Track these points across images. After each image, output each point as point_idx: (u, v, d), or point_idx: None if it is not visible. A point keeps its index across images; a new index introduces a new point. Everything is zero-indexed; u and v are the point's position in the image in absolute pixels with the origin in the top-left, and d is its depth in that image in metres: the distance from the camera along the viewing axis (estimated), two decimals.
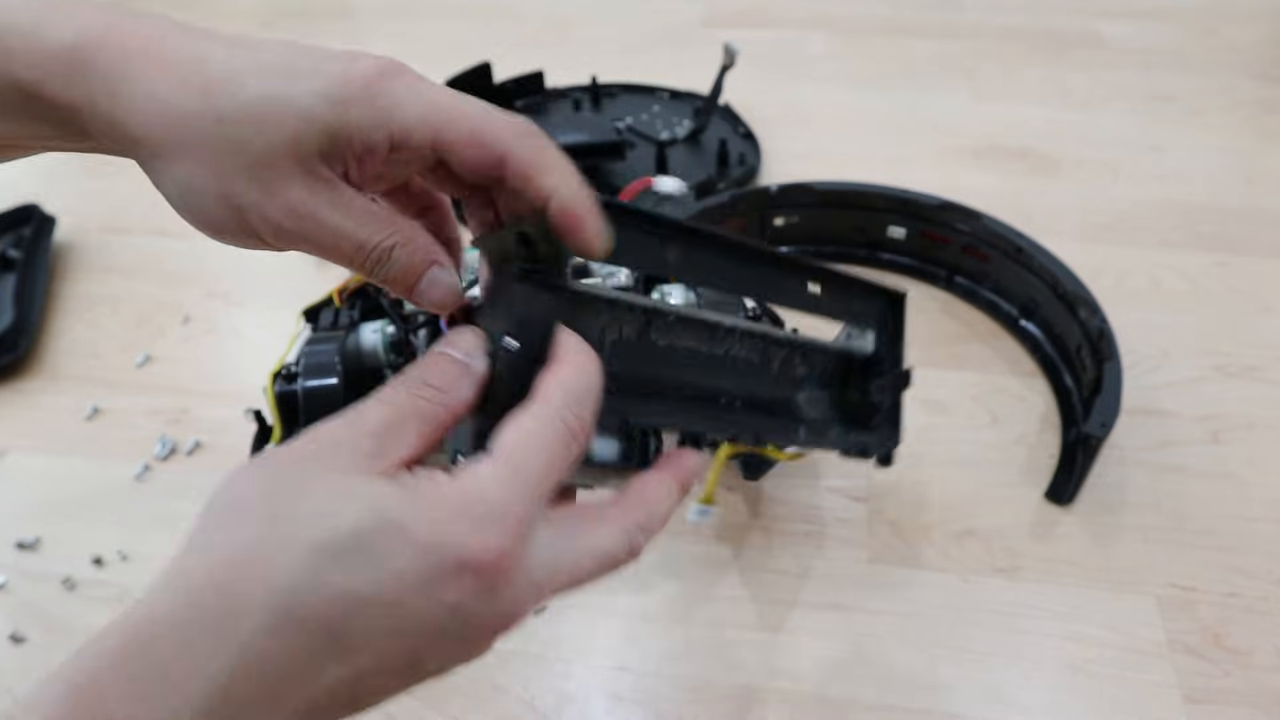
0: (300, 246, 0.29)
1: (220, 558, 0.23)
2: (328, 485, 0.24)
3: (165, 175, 0.28)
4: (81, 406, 0.70)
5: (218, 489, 0.25)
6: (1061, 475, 0.60)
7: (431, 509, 0.24)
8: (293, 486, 0.24)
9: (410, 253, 0.30)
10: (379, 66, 0.28)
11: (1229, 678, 0.50)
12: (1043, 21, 1.16)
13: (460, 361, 0.28)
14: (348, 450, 0.25)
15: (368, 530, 0.24)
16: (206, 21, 0.30)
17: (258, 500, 0.24)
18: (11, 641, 0.55)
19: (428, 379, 0.27)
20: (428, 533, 0.24)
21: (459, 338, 0.29)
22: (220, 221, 0.28)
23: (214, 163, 0.27)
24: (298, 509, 0.24)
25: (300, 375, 0.57)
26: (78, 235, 0.88)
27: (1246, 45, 1.09)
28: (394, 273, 0.30)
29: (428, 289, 0.30)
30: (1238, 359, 0.68)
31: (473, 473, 0.25)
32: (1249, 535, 0.57)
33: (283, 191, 0.27)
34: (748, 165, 0.89)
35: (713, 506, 0.57)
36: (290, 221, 0.28)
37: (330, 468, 0.25)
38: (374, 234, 0.29)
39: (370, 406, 0.27)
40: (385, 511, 0.24)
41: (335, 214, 0.28)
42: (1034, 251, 0.68)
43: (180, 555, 0.24)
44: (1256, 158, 0.90)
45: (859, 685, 0.51)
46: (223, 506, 0.25)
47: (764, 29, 1.18)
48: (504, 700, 0.51)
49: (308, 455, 0.25)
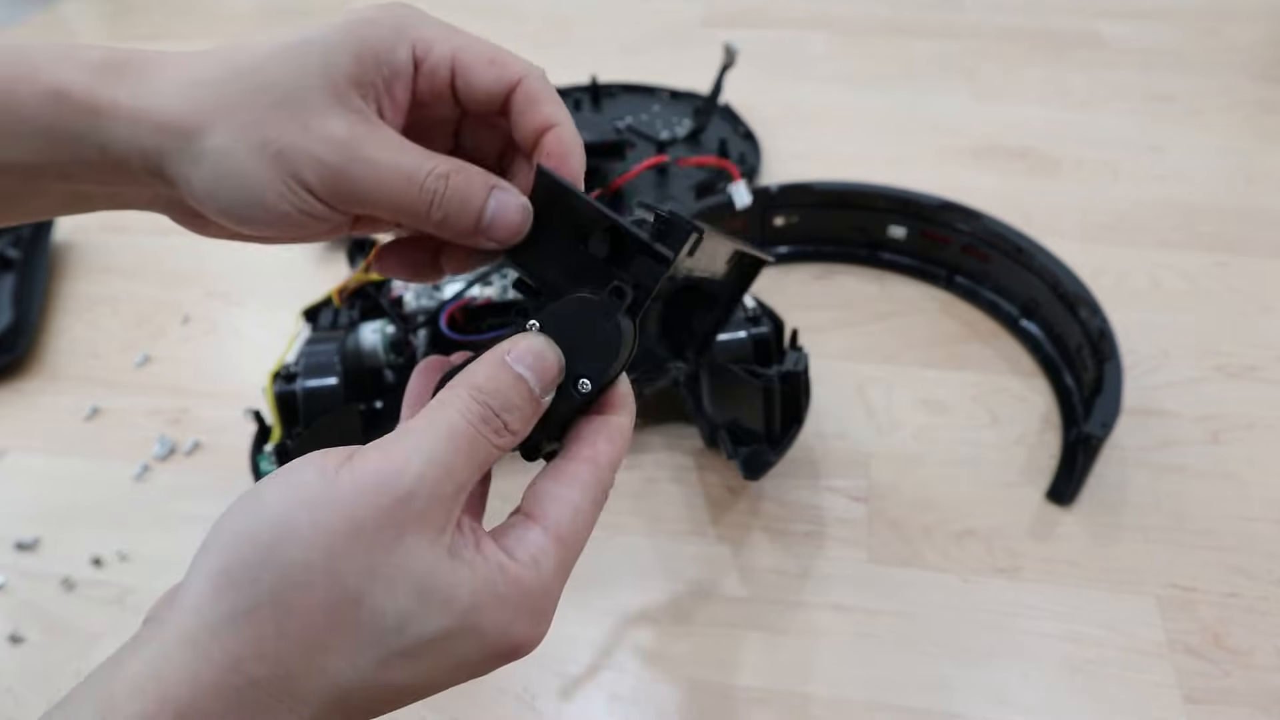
0: (349, 195, 0.27)
1: (281, 648, 0.22)
2: (407, 576, 0.23)
3: (199, 157, 0.26)
4: (81, 406, 0.70)
5: (264, 534, 0.22)
6: (1062, 475, 0.60)
7: (502, 606, 0.24)
8: (369, 569, 0.22)
9: (468, 178, 0.28)
10: (390, 2, 0.28)
11: (1229, 678, 0.50)
12: (1043, 21, 1.16)
13: (536, 399, 0.26)
14: (419, 518, 0.23)
15: (448, 636, 0.24)
16: (205, 23, 0.30)
17: (324, 578, 0.22)
18: (11, 642, 0.55)
19: (508, 420, 0.26)
20: (496, 633, 0.25)
21: (542, 365, 0.27)
22: (263, 186, 0.26)
23: (247, 114, 0.26)
24: (377, 605, 0.22)
25: (300, 375, 0.57)
26: (77, 235, 0.88)
27: (1246, 45, 1.09)
28: (454, 204, 0.27)
29: (495, 215, 0.28)
30: (1238, 359, 0.68)
31: (533, 560, 0.25)
32: (1249, 535, 0.57)
33: (320, 125, 0.26)
34: (748, 165, 0.89)
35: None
36: (334, 154, 0.26)
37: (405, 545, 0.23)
38: (424, 161, 0.27)
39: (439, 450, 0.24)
40: (465, 616, 0.24)
41: (378, 148, 0.27)
42: (1034, 251, 0.68)
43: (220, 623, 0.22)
44: (1256, 158, 0.90)
45: (859, 685, 0.50)
46: (277, 573, 0.22)
47: (764, 29, 1.18)
48: (504, 700, 0.51)
49: (378, 517, 0.23)
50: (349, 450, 0.24)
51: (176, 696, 0.21)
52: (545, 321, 0.28)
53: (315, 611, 0.22)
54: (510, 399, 0.26)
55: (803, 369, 0.56)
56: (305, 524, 0.22)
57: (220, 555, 0.22)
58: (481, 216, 0.28)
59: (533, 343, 0.27)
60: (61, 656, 0.54)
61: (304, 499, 0.22)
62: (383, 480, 0.23)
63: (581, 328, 0.27)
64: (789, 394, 0.56)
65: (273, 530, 0.22)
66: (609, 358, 0.27)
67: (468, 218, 0.28)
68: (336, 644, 0.22)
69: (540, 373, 0.26)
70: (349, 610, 0.22)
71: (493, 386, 0.26)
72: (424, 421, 0.25)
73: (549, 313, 0.28)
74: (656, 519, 0.60)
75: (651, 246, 0.28)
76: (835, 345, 0.71)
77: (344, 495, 0.22)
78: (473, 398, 0.25)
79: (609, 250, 0.28)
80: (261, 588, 0.22)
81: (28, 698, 0.52)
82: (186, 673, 0.21)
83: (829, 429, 0.65)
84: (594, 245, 0.29)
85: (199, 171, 0.26)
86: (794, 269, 0.79)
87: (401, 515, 0.23)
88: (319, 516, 0.22)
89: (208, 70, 0.27)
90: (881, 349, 0.71)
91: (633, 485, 0.62)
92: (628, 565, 0.57)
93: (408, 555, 0.23)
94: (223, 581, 0.22)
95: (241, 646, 0.21)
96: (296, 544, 0.22)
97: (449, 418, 0.25)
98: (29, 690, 0.52)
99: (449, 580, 0.23)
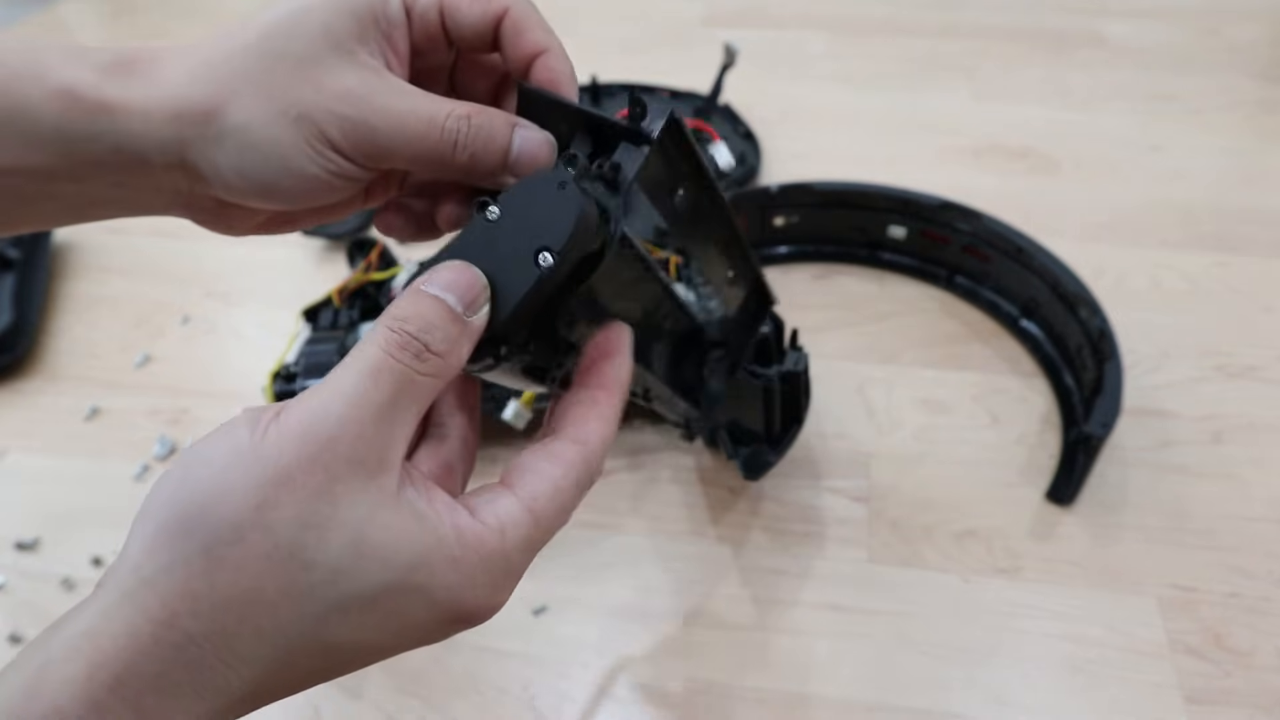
0: (373, 146, 0.27)
1: (215, 602, 0.21)
2: (341, 526, 0.22)
3: (221, 137, 0.27)
4: (81, 407, 0.70)
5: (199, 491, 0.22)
6: (1062, 475, 0.60)
7: (453, 568, 0.23)
8: (298, 517, 0.22)
9: (489, 117, 0.28)
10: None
11: (1230, 678, 0.50)
12: (1043, 21, 1.15)
13: (459, 317, 0.25)
14: (347, 460, 0.22)
15: (388, 592, 0.23)
16: (207, 23, 0.30)
17: (254, 533, 0.21)
18: (11, 642, 0.55)
19: (428, 341, 0.24)
20: (445, 596, 0.24)
21: (456, 275, 0.26)
22: (289, 151, 0.27)
23: (261, 86, 0.26)
24: (310, 557, 0.22)
25: (300, 375, 0.57)
26: (77, 235, 0.88)
27: (1246, 45, 1.09)
28: (479, 143, 0.28)
29: (521, 151, 0.29)
30: (1238, 359, 0.68)
31: (500, 526, 0.24)
32: (1250, 535, 0.57)
33: (335, 83, 0.27)
34: (748, 165, 0.89)
35: (528, 410, 0.56)
36: (354, 108, 0.27)
37: (336, 492, 0.22)
38: (442, 104, 0.28)
39: (359, 387, 0.23)
40: (409, 574, 0.23)
41: (396, 97, 0.27)
42: (1034, 251, 0.68)
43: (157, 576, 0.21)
44: (1256, 158, 0.90)
45: (859, 685, 0.50)
46: (209, 528, 0.21)
47: (764, 29, 1.18)
48: (504, 701, 0.51)
49: (305, 465, 0.22)
50: (281, 405, 0.23)
51: (114, 659, 0.20)
52: (503, 204, 0.27)
53: (247, 564, 0.21)
54: (428, 319, 0.25)
55: (803, 369, 0.56)
56: (237, 479, 0.22)
57: (157, 514, 0.22)
58: (508, 153, 0.28)
59: (443, 267, 0.26)
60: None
61: (236, 456, 0.22)
62: (307, 427, 0.22)
63: (537, 203, 0.27)
64: (789, 394, 0.56)
65: (207, 487, 0.22)
66: (564, 224, 0.26)
67: (494, 155, 0.28)
68: (271, 598, 0.22)
69: (458, 290, 0.25)
70: (282, 563, 0.22)
71: (407, 312, 0.25)
72: (343, 365, 0.24)
73: (506, 195, 0.27)
74: (656, 519, 0.60)
75: (631, 129, 0.28)
76: (835, 345, 0.71)
77: (271, 448, 0.22)
78: (388, 328, 0.24)
79: (592, 147, 0.29)
80: (194, 541, 0.21)
81: None
82: (123, 627, 0.21)
83: (829, 429, 0.65)
84: (577, 146, 0.29)
85: (223, 151, 0.27)
86: (794, 269, 0.79)
87: (328, 459, 0.22)
88: (250, 470, 0.22)
89: (214, 51, 0.27)
90: (881, 349, 0.71)
91: (633, 485, 0.62)
92: (628, 565, 0.57)
93: (340, 502, 0.22)
94: (159, 538, 0.22)
95: (176, 600, 0.21)
96: (228, 498, 0.22)
97: (366, 353, 0.24)
98: None
99: (389, 533, 0.23)
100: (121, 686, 0.20)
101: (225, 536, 0.21)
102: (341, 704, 0.51)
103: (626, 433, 0.65)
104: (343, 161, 0.27)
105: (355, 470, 0.22)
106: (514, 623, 0.54)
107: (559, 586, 0.56)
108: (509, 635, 0.54)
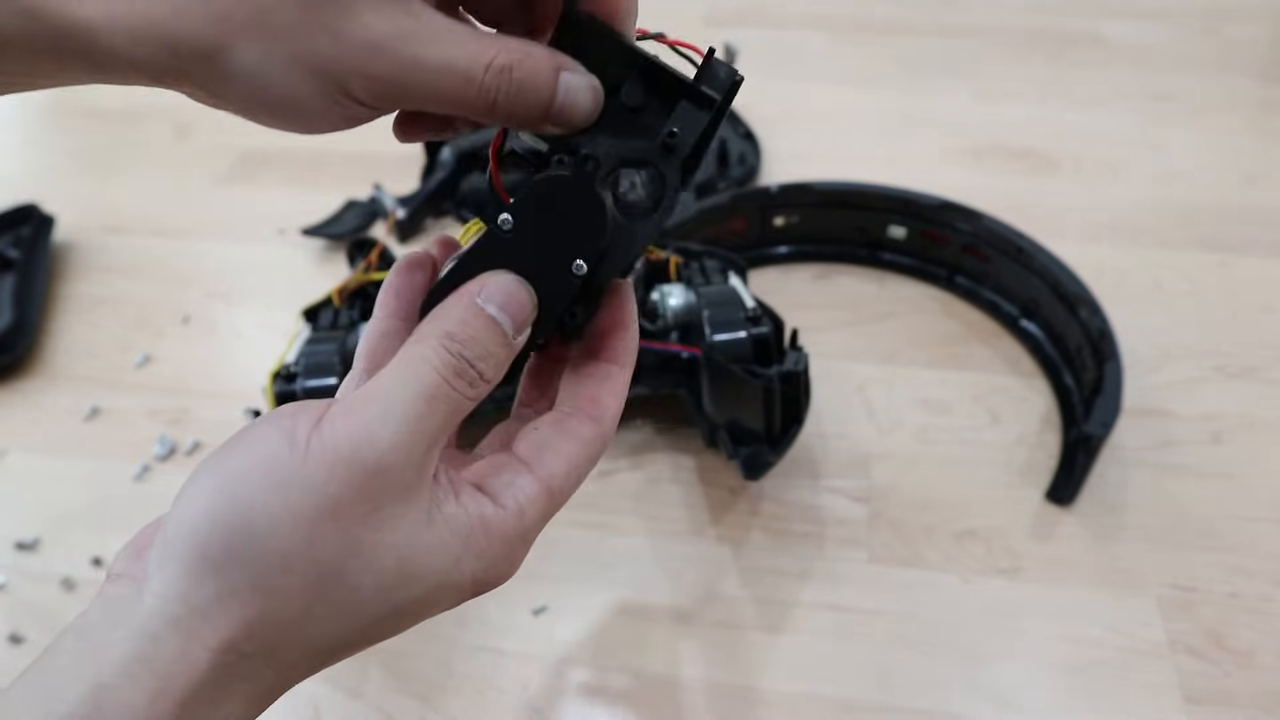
0: (399, 100, 0.24)
1: (267, 627, 0.22)
2: (387, 549, 0.23)
3: (225, 76, 0.23)
4: (81, 407, 0.70)
5: (241, 519, 0.22)
6: (1062, 475, 0.60)
7: (479, 558, 0.24)
8: (345, 546, 0.22)
9: (533, 65, 0.24)
10: None
11: (1230, 678, 0.50)
12: (1043, 21, 1.15)
13: (509, 341, 0.25)
14: (393, 486, 0.22)
15: (426, 595, 0.24)
16: None
17: (302, 562, 0.22)
18: (11, 642, 0.55)
19: (482, 370, 0.24)
20: (471, 580, 0.25)
21: (515, 304, 0.25)
22: (304, 99, 0.24)
23: (273, 24, 0.23)
24: (356, 581, 0.22)
25: (300, 375, 0.57)
26: (78, 235, 0.88)
27: (1246, 45, 1.09)
28: (522, 96, 0.24)
29: (565, 101, 0.25)
30: (1238, 359, 0.68)
31: (519, 508, 0.25)
32: (1250, 535, 0.57)
33: (359, 29, 0.23)
34: (748, 165, 0.89)
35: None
36: (379, 63, 0.23)
37: (380, 518, 0.22)
38: (480, 53, 0.24)
39: (413, 412, 0.23)
40: (445, 578, 0.24)
41: (427, 45, 0.23)
42: (1034, 251, 0.68)
43: (208, 606, 0.22)
44: (1256, 158, 0.90)
45: (859, 685, 0.50)
46: (259, 560, 0.22)
47: (764, 29, 1.17)
48: (504, 700, 0.51)
49: (353, 495, 0.22)
50: (318, 410, 0.23)
51: (174, 685, 0.21)
52: (517, 213, 0.25)
53: (296, 592, 0.22)
54: (486, 346, 0.24)
55: (803, 369, 0.56)
56: (280, 509, 0.22)
57: (197, 538, 0.22)
58: (551, 105, 0.25)
59: (502, 281, 0.25)
60: None
61: (277, 480, 0.22)
62: (354, 450, 0.22)
63: (558, 209, 0.25)
64: (789, 394, 0.56)
65: (252, 515, 0.22)
66: (596, 233, 0.25)
67: (535, 108, 0.25)
68: (319, 615, 0.22)
69: (514, 313, 0.25)
70: (331, 589, 0.22)
71: (467, 334, 0.24)
72: (395, 378, 0.23)
73: (519, 203, 0.25)
74: (656, 519, 0.60)
75: (695, 87, 0.25)
76: (835, 345, 0.71)
77: (317, 471, 0.22)
78: (445, 348, 0.24)
79: (643, 98, 0.26)
80: (244, 573, 0.22)
81: None
82: (178, 653, 0.21)
83: (829, 429, 0.65)
84: (627, 94, 0.26)
85: (228, 87, 0.24)
86: (794, 269, 0.79)
87: (376, 488, 0.22)
88: (297, 499, 0.22)
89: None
90: (881, 349, 0.71)
91: (633, 485, 0.62)
92: (628, 565, 0.57)
93: (384, 526, 0.23)
94: (202, 565, 0.22)
95: (229, 629, 0.22)
96: (277, 530, 0.22)
97: (421, 373, 0.23)
98: None
99: (428, 548, 0.23)
100: (183, 711, 0.21)
101: (274, 566, 0.22)
102: (341, 704, 0.51)
103: (627, 432, 0.65)
104: (362, 110, 0.25)
105: (400, 495, 0.23)
106: (514, 623, 0.54)
107: (559, 586, 0.56)
108: (509, 635, 0.54)
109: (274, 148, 0.98)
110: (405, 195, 0.86)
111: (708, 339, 0.57)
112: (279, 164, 0.96)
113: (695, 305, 0.60)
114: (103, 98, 1.08)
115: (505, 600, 0.55)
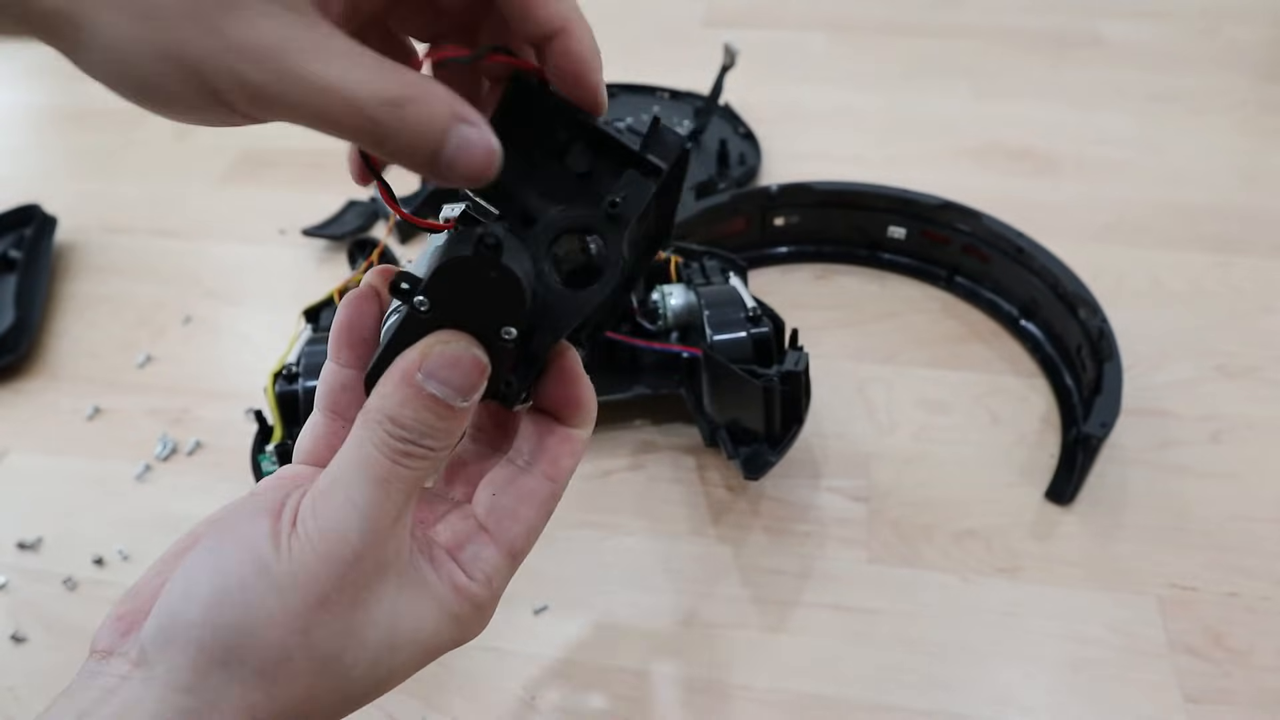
0: (279, 114, 0.22)
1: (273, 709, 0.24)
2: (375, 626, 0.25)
3: (87, 49, 0.21)
4: (82, 406, 0.70)
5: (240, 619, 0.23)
6: (1062, 475, 0.60)
7: (456, 624, 0.27)
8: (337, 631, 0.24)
9: (428, 107, 0.22)
10: None
11: (1230, 678, 0.50)
12: (1043, 21, 1.15)
13: (456, 411, 0.25)
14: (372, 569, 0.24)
15: (413, 660, 0.27)
16: None
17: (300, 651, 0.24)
18: (13, 642, 0.55)
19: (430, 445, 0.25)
20: (450, 643, 0.28)
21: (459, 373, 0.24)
22: (169, 93, 0.21)
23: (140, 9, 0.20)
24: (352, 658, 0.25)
25: (301, 375, 0.57)
26: (78, 235, 0.88)
27: (1246, 45, 1.09)
28: (407, 137, 0.22)
29: (457, 154, 0.22)
30: (1238, 359, 0.68)
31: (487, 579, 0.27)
32: (1249, 535, 0.57)
33: (242, 29, 0.20)
34: (748, 165, 0.89)
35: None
36: (258, 71, 0.20)
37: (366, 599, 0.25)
38: (373, 80, 0.21)
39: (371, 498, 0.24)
40: (429, 642, 0.27)
41: (315, 60, 0.21)
42: (1034, 251, 0.68)
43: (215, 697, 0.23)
44: (1256, 158, 0.90)
45: (859, 685, 0.51)
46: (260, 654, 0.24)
47: (764, 29, 1.18)
48: (504, 700, 0.51)
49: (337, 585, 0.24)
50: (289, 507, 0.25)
51: None
52: (430, 293, 0.24)
53: (297, 677, 0.24)
54: (429, 424, 0.24)
55: (803, 369, 0.56)
56: (275, 606, 0.23)
57: (200, 639, 0.23)
58: (440, 154, 0.22)
59: (445, 352, 0.24)
60: (64, 657, 0.54)
61: (267, 578, 0.23)
62: (331, 547, 0.24)
63: (473, 282, 0.24)
64: (789, 394, 0.56)
65: (245, 617, 0.23)
66: (515, 303, 0.24)
67: (421, 153, 0.22)
68: (318, 693, 0.25)
69: (459, 382, 0.24)
70: (328, 670, 0.25)
71: (407, 416, 0.24)
72: (350, 471, 0.24)
73: (430, 283, 0.24)
74: (656, 519, 0.60)
75: (641, 156, 0.25)
76: (835, 345, 0.71)
77: (300, 570, 0.24)
78: (390, 435, 0.24)
79: (590, 164, 0.25)
80: (246, 666, 0.23)
81: (30, 698, 0.52)
82: None
83: (829, 429, 0.65)
84: (573, 159, 0.25)
85: (86, 60, 0.21)
86: (794, 269, 0.79)
87: (356, 575, 0.24)
88: (287, 597, 0.23)
89: None
90: (881, 349, 0.71)
91: (633, 485, 0.62)
92: (628, 565, 0.57)
93: (370, 606, 0.25)
94: (202, 659, 0.23)
95: (237, 714, 0.24)
96: (272, 626, 0.23)
97: (372, 460, 0.24)
98: (31, 690, 0.52)
99: (411, 616, 0.26)
100: None
101: (274, 657, 0.24)
102: None
103: (627, 432, 0.65)
104: (232, 114, 0.22)
105: (379, 574, 0.25)
106: (514, 623, 0.54)
107: (559, 586, 0.56)
108: (509, 635, 0.54)
109: (275, 148, 0.98)
110: (406, 196, 0.86)
111: (708, 339, 0.57)
112: (280, 164, 0.96)
113: (695, 305, 0.60)
114: (103, 98, 1.08)
115: (506, 600, 0.55)
